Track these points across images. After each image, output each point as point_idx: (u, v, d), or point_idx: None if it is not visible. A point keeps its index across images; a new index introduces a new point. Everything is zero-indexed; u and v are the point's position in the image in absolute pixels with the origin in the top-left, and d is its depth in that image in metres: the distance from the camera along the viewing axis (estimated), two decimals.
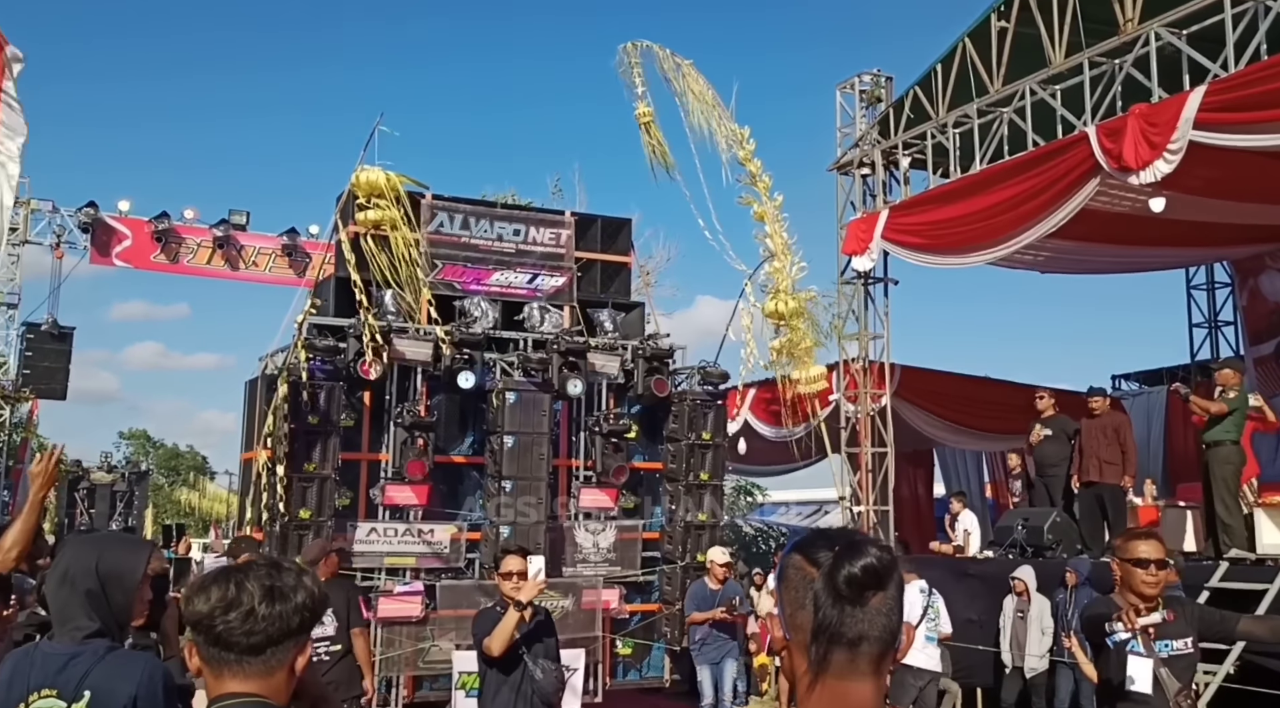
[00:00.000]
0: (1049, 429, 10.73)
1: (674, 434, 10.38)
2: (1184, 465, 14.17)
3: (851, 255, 12.77)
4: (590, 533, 9.96)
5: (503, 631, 4.78)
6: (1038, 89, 10.63)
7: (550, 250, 10.55)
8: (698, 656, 8.71)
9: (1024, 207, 10.31)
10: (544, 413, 9.57)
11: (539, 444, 9.56)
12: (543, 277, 10.49)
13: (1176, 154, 8.73)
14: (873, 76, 13.29)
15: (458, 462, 9.87)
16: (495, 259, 10.36)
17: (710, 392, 10.60)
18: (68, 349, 14.91)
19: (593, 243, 10.97)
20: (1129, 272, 15.66)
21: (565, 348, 9.75)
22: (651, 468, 10.53)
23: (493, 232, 10.40)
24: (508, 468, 9.31)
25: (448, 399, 9.75)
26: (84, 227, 14.31)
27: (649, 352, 10.22)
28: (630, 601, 10.15)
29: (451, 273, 10.13)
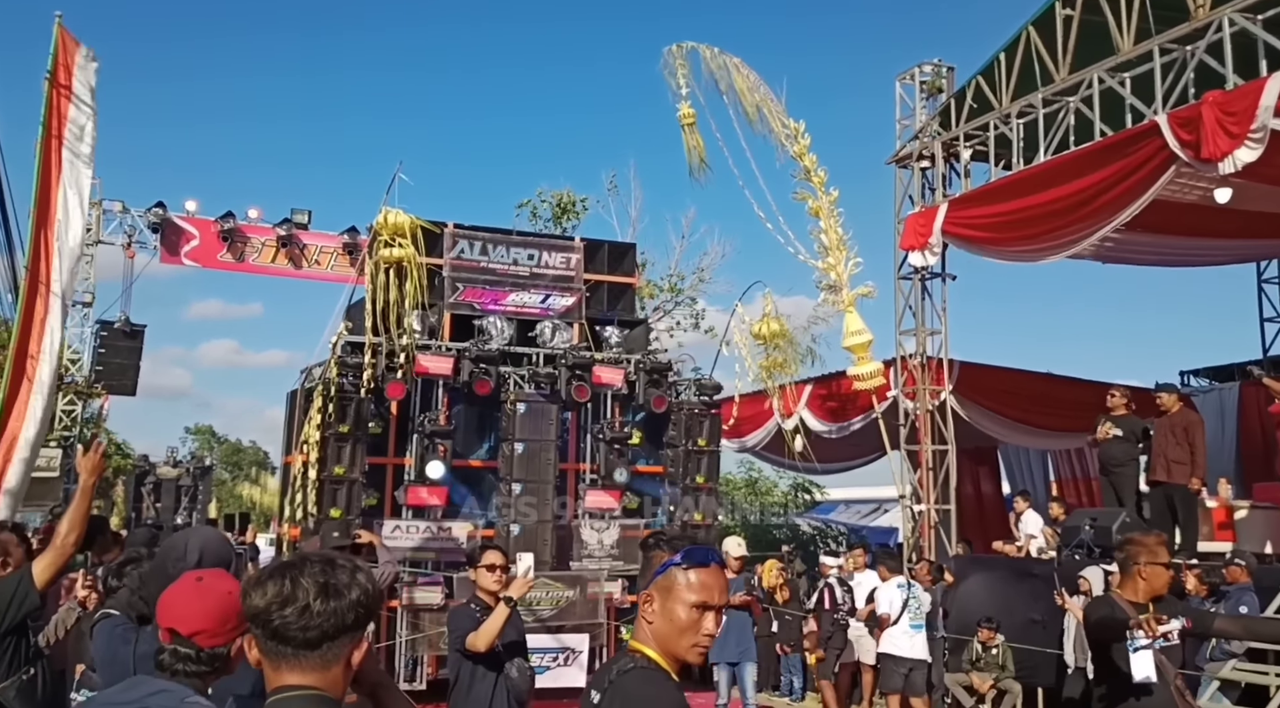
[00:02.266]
0: (1119, 429, 10.46)
1: (672, 441, 11.36)
2: (1259, 464, 13.76)
3: (909, 250, 12.60)
4: (595, 531, 10.82)
5: (492, 627, 4.77)
6: (1105, 77, 10.38)
7: (561, 273, 11.57)
8: (717, 651, 8.75)
9: (1096, 201, 10.06)
10: (551, 422, 10.59)
11: (546, 450, 10.57)
12: (554, 297, 11.49)
13: (1260, 142, 8.46)
14: (933, 67, 13.09)
15: (475, 466, 10.86)
16: (511, 281, 11.38)
17: (706, 402, 11.53)
18: (139, 347, 15.26)
19: (600, 266, 12.00)
20: (1196, 265, 15.23)
21: (573, 362, 10.72)
22: (653, 472, 11.46)
23: (509, 257, 11.44)
24: (517, 472, 10.35)
25: (466, 409, 10.78)
26: (153, 227, 14.62)
27: (650, 365, 11.22)
28: (633, 592, 10.82)
29: (471, 295, 11.17)
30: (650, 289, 22.45)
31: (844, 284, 12.62)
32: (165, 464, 19.77)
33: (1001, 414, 14.18)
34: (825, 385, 14.89)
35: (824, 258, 12.72)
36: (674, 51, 13.02)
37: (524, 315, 11.30)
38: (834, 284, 12.72)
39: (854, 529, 23.18)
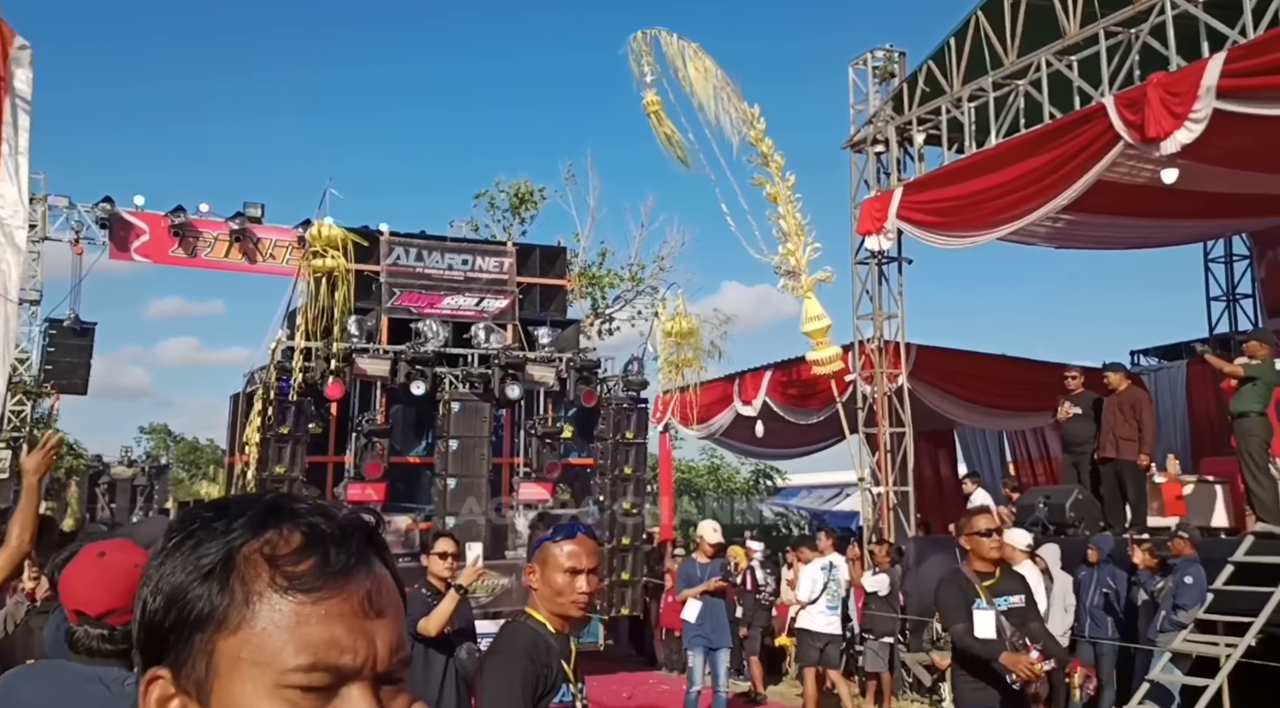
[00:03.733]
0: (1078, 407, 10.62)
1: (602, 434, 11.93)
2: (1207, 439, 14.04)
3: (866, 235, 12.68)
4: (529, 521, 11.26)
5: (442, 614, 4.98)
6: (1053, 60, 10.49)
7: (494, 277, 12.12)
8: (692, 638, 8.81)
9: (1042, 181, 10.19)
10: (485, 419, 11.10)
11: (480, 446, 11.08)
12: (488, 300, 12.02)
13: (1199, 123, 8.59)
14: (885, 52, 13.15)
15: (413, 462, 11.40)
16: (446, 286, 11.88)
17: (633, 397, 12.09)
18: (89, 345, 14.96)
19: (532, 269, 12.54)
20: (1145, 247, 15.49)
21: (506, 362, 11.29)
22: (584, 464, 12.13)
23: (444, 262, 11.95)
24: (453, 467, 10.81)
25: (404, 409, 11.30)
26: (101, 222, 14.32)
27: (580, 363, 11.81)
28: None
29: (408, 299, 11.64)
30: (611, 278, 22.42)
31: (802, 270, 12.67)
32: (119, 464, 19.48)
33: (958, 396, 14.34)
34: (785, 371, 14.97)
35: (783, 244, 12.77)
36: (639, 39, 12.98)
37: (459, 318, 11.77)
38: (792, 270, 12.78)
39: (816, 514, 23.37)
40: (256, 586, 0.80)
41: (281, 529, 0.82)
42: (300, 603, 0.79)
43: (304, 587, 0.80)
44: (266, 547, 0.81)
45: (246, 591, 0.80)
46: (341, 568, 0.82)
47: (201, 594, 0.80)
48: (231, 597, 0.80)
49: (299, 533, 0.82)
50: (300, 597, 0.79)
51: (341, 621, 0.80)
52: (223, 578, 0.80)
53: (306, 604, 0.79)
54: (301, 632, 0.79)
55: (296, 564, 0.80)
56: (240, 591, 0.80)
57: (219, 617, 0.79)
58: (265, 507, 0.84)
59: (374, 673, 0.81)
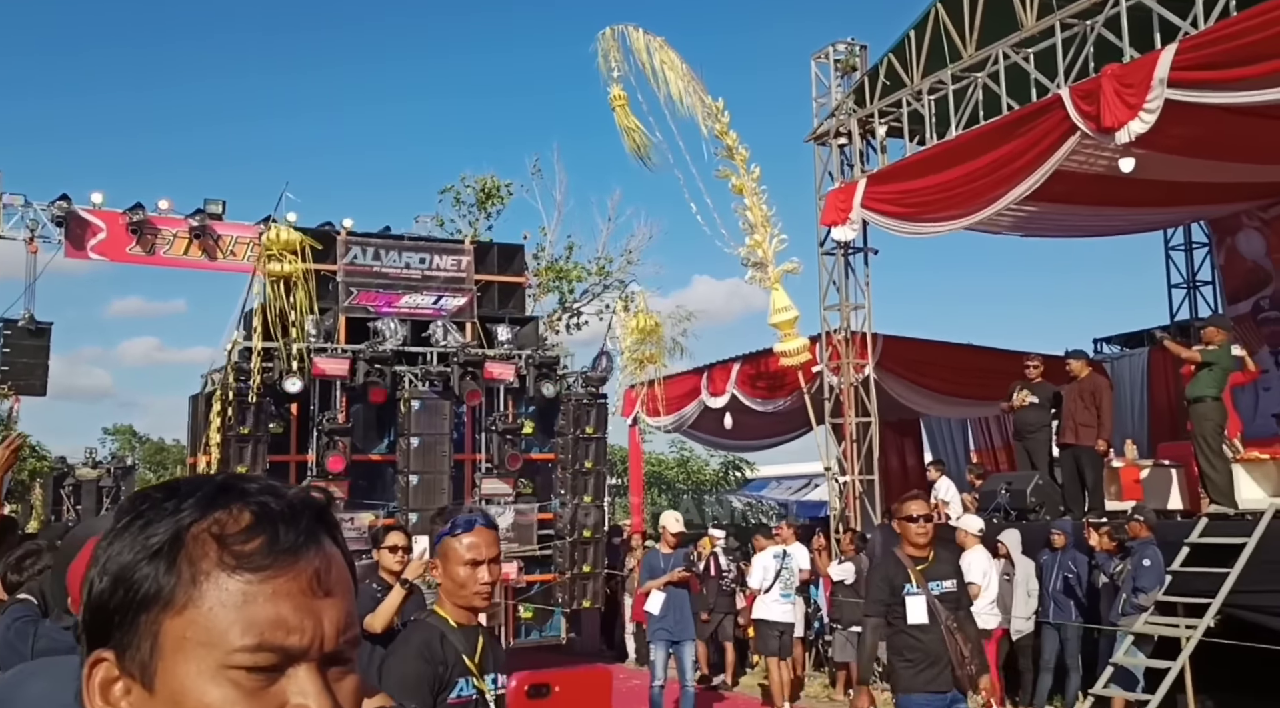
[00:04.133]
0: (1034, 396, 10.78)
1: (562, 430, 12.12)
2: (1166, 425, 14.28)
3: (831, 226, 12.76)
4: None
5: (387, 609, 4.93)
6: (1010, 53, 10.60)
7: (452, 275, 12.21)
8: (655, 632, 8.78)
9: (1001, 172, 10.31)
10: (445, 417, 11.30)
11: (441, 443, 11.27)
12: (446, 298, 12.11)
13: (1153, 113, 8.72)
14: (847, 45, 13.23)
15: (375, 460, 11.56)
16: (404, 285, 11.97)
17: (592, 393, 12.32)
18: (46, 345, 14.68)
19: (490, 266, 12.65)
20: (1108, 235, 15.70)
21: (465, 359, 11.45)
22: (545, 459, 12.28)
23: (401, 261, 12.04)
24: (414, 464, 11.01)
25: (365, 407, 11.42)
26: (57, 220, 14.07)
27: (539, 359, 12.00)
28: (530, 571, 11.92)
29: (366, 298, 11.74)
30: (578, 272, 22.39)
31: (769, 261, 12.74)
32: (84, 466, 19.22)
33: (924, 386, 14.48)
34: (753, 363, 15.03)
35: (749, 235, 12.82)
36: (606, 35, 12.97)
37: (417, 316, 11.88)
38: (759, 261, 12.84)
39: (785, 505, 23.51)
40: (204, 565, 0.79)
41: (230, 508, 0.81)
42: (248, 582, 0.78)
43: (251, 565, 0.79)
44: (215, 526, 0.80)
45: (194, 570, 0.79)
46: (290, 547, 0.81)
47: (149, 574, 0.79)
48: (178, 576, 0.79)
49: (248, 512, 0.81)
50: (248, 575, 0.78)
51: (289, 600, 0.79)
52: (170, 557, 0.79)
53: (254, 583, 0.79)
54: (248, 611, 0.78)
55: (244, 543, 0.79)
56: (188, 570, 0.79)
57: (165, 596, 0.78)
58: (215, 487, 0.84)
59: (321, 653, 0.80)
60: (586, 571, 11.88)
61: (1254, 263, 14.76)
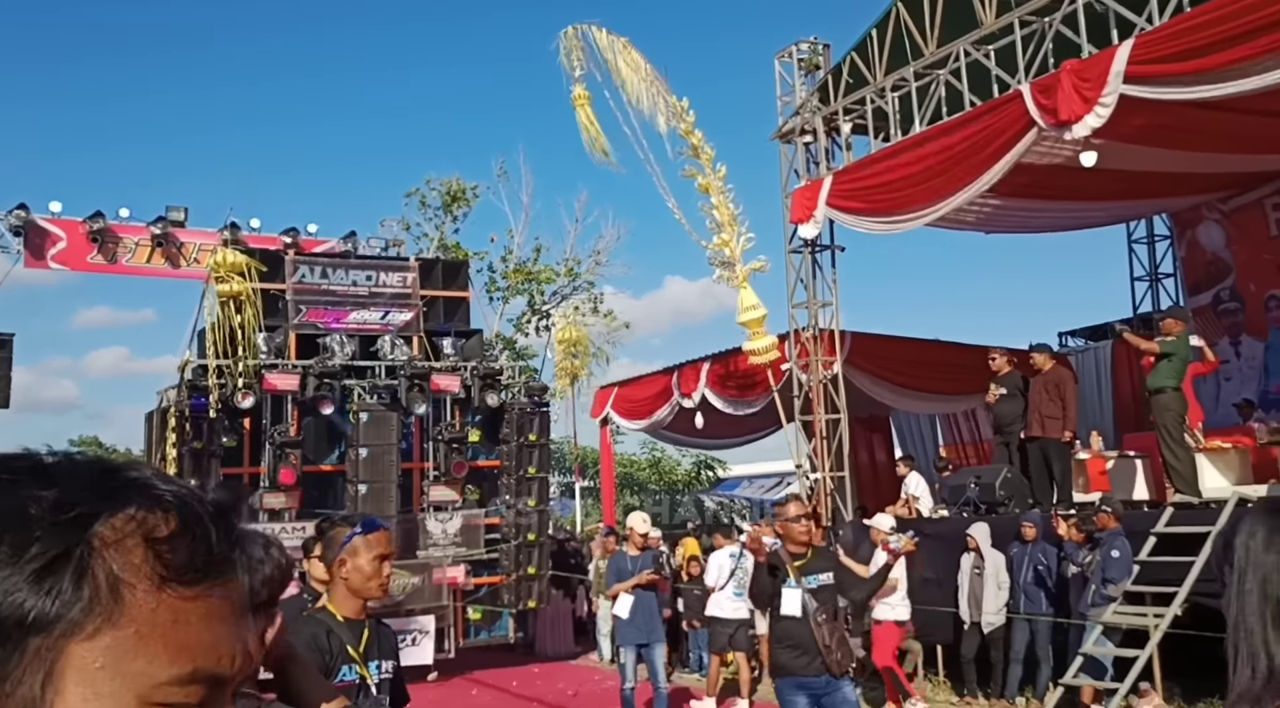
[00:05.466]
0: (1004, 388, 10.86)
1: (506, 438, 12.54)
2: (1131, 416, 14.45)
3: (798, 224, 12.80)
4: (439, 522, 11.93)
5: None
6: (971, 50, 10.69)
7: (398, 291, 12.60)
8: (625, 634, 8.75)
9: (962, 165, 10.38)
10: (393, 428, 11.65)
11: (389, 453, 11.63)
12: (393, 313, 12.47)
13: (1108, 107, 8.82)
14: (810, 44, 13.28)
15: (326, 470, 11.92)
16: (351, 301, 12.34)
17: (535, 402, 12.75)
18: (8, 356, 14.44)
19: (435, 282, 13.06)
20: (1072, 229, 15.87)
21: (412, 372, 11.83)
22: (491, 466, 12.70)
23: (348, 279, 12.42)
24: (363, 474, 11.38)
25: (315, 420, 11.79)
26: (15, 230, 13.88)
27: (484, 371, 12.43)
28: (479, 574, 12.25)
29: (314, 315, 12.06)
30: (547, 274, 22.34)
31: (737, 260, 12.76)
32: None
33: (892, 382, 14.56)
34: (723, 363, 15.05)
35: (716, 234, 12.84)
36: (569, 34, 12.94)
37: (365, 332, 12.28)
38: (727, 260, 12.85)
39: (757, 504, 23.57)
40: (128, 576, 0.64)
41: (152, 508, 0.66)
42: (181, 599, 0.65)
43: (186, 579, 0.65)
44: (137, 527, 0.65)
45: (113, 583, 0.63)
46: (223, 556, 0.68)
47: (44, 588, 0.62)
48: (91, 591, 0.63)
49: (174, 513, 0.67)
50: (181, 590, 0.65)
51: (222, 621, 0.68)
52: (78, 567, 0.63)
53: (186, 601, 0.65)
54: (180, 634, 0.65)
55: (173, 551, 0.65)
56: (105, 583, 0.63)
57: (67, 617, 0.62)
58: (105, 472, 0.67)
59: (235, 681, 0.69)
60: (532, 573, 12.19)
61: (1214, 255, 14.97)
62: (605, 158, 12.78)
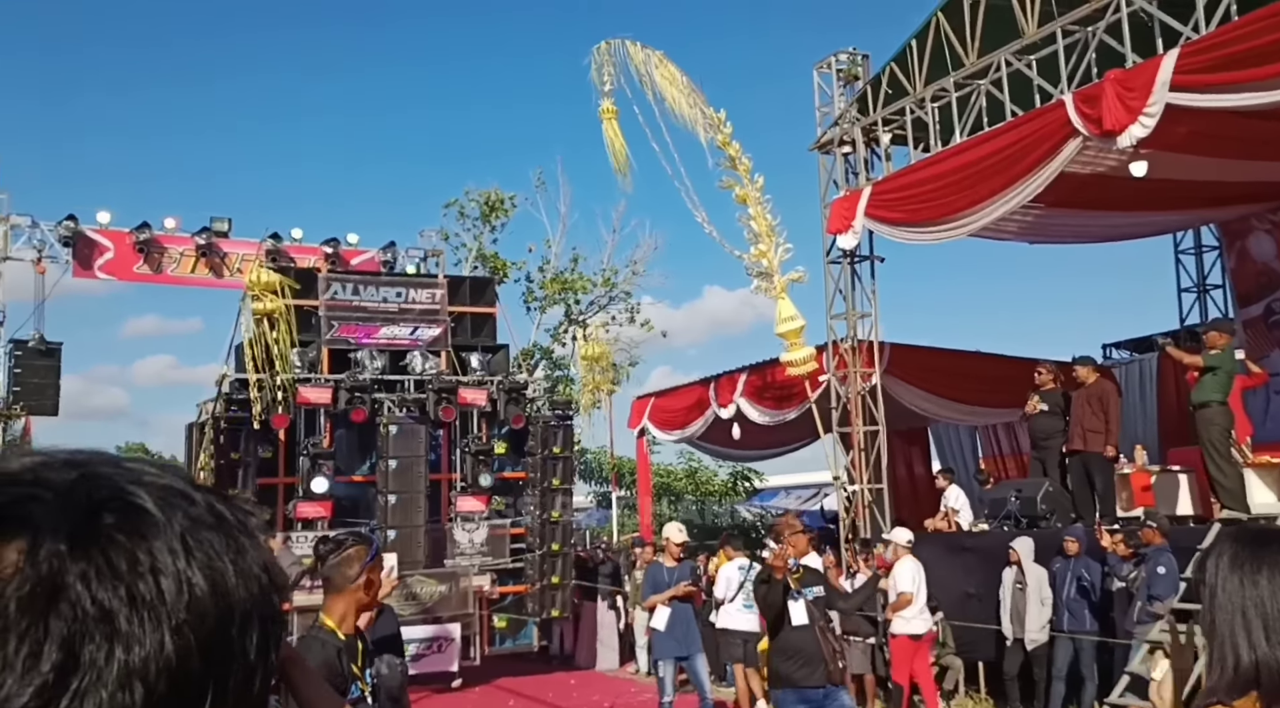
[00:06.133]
0: (1045, 403, 10.72)
1: (531, 450, 12.82)
2: (1176, 430, 14.17)
3: (836, 234, 12.74)
4: (466, 531, 12.17)
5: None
6: (1013, 60, 10.59)
7: (427, 307, 12.95)
8: (662, 646, 8.65)
9: (1003, 175, 10.28)
10: (421, 440, 11.94)
11: (418, 465, 11.92)
12: (421, 329, 12.81)
13: (1153, 117, 8.70)
14: (849, 55, 13.24)
15: (357, 481, 12.24)
16: (382, 317, 12.70)
17: (559, 415, 13.08)
18: (57, 365, 14.78)
19: (463, 299, 13.45)
20: (1117, 240, 15.64)
21: (439, 386, 12.16)
22: (516, 477, 12.96)
23: (379, 295, 12.79)
24: (393, 485, 11.65)
25: (347, 432, 12.15)
26: (65, 240, 14.18)
27: (509, 385, 12.74)
28: (504, 583, 12.47)
29: (346, 331, 12.44)
30: (583, 283, 22.41)
31: (775, 271, 12.71)
32: None
33: (932, 393, 14.41)
34: (760, 374, 14.99)
35: (754, 245, 12.80)
36: (601, 49, 13.01)
37: (395, 347, 12.62)
38: (765, 271, 12.81)
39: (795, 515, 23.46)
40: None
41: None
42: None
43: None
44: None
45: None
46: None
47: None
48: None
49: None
50: None
51: None
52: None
53: None
54: None
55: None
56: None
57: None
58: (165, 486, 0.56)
59: None
60: (555, 582, 12.41)
61: (1265, 265, 14.68)
62: (625, 177, 12.90)
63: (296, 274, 12.53)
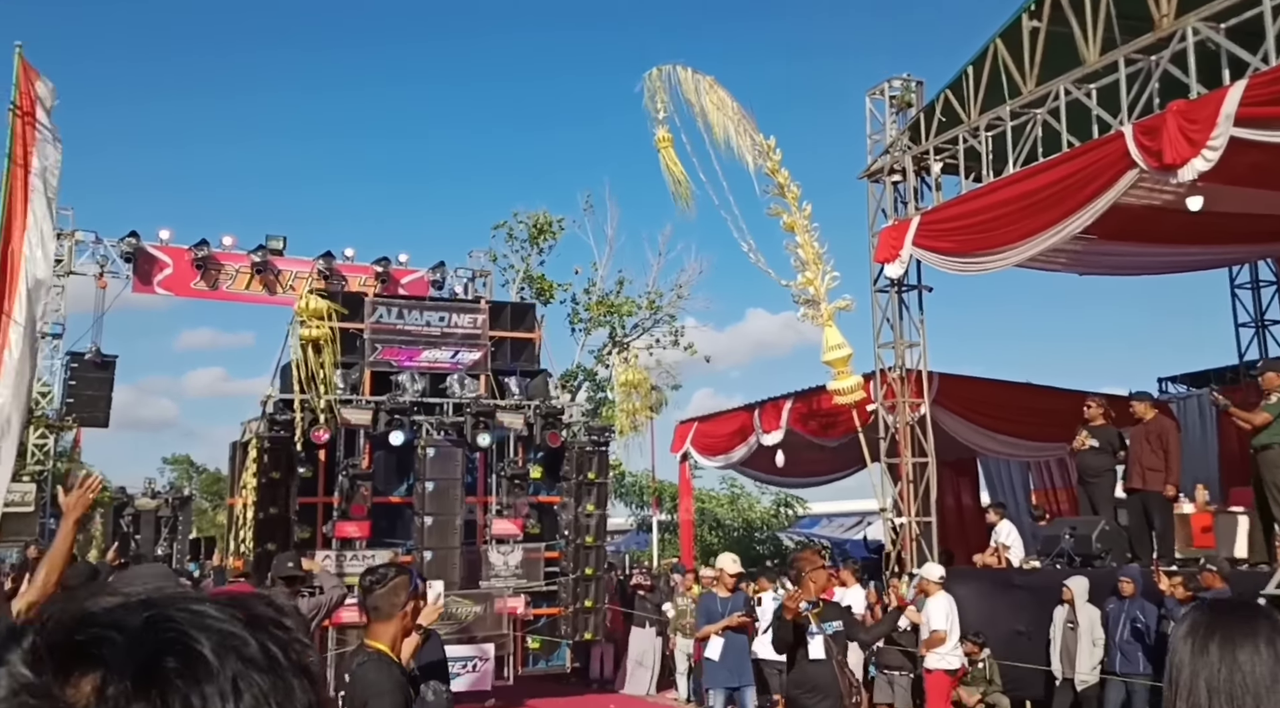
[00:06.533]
0: (1094, 439, 10.49)
1: (566, 475, 12.93)
2: (1236, 469, 13.80)
3: (883, 263, 12.63)
4: (501, 554, 12.33)
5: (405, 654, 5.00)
6: (1072, 89, 10.45)
7: (468, 332, 13.17)
8: (714, 676, 8.58)
9: (1056, 207, 10.12)
10: (458, 463, 12.06)
11: (454, 487, 12.04)
12: (462, 353, 12.99)
13: (1216, 151, 8.52)
14: (903, 82, 13.14)
15: (395, 502, 12.38)
16: (424, 341, 12.91)
17: (595, 441, 13.18)
18: (110, 377, 15.10)
19: (504, 324, 13.65)
20: (1170, 272, 15.34)
21: (478, 410, 12.26)
22: (551, 501, 13.07)
23: (422, 319, 13.00)
24: (429, 507, 11.76)
25: (386, 453, 12.31)
26: (126, 256, 14.51)
27: (546, 410, 12.84)
28: (538, 605, 12.56)
29: (389, 353, 12.69)
30: (629, 306, 22.43)
31: (822, 298, 12.62)
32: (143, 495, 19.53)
33: (982, 425, 14.19)
34: (806, 401, 14.87)
35: (801, 273, 12.73)
36: (653, 76, 13.06)
37: (435, 370, 12.82)
38: (812, 299, 12.73)
39: (837, 543, 23.18)
40: None
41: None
42: None
43: None
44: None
45: None
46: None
47: None
48: None
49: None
50: None
51: None
52: None
53: None
54: None
55: None
56: None
57: None
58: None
59: None
60: (588, 605, 12.53)
61: None
62: (686, 203, 12.89)
63: (344, 298, 12.80)
